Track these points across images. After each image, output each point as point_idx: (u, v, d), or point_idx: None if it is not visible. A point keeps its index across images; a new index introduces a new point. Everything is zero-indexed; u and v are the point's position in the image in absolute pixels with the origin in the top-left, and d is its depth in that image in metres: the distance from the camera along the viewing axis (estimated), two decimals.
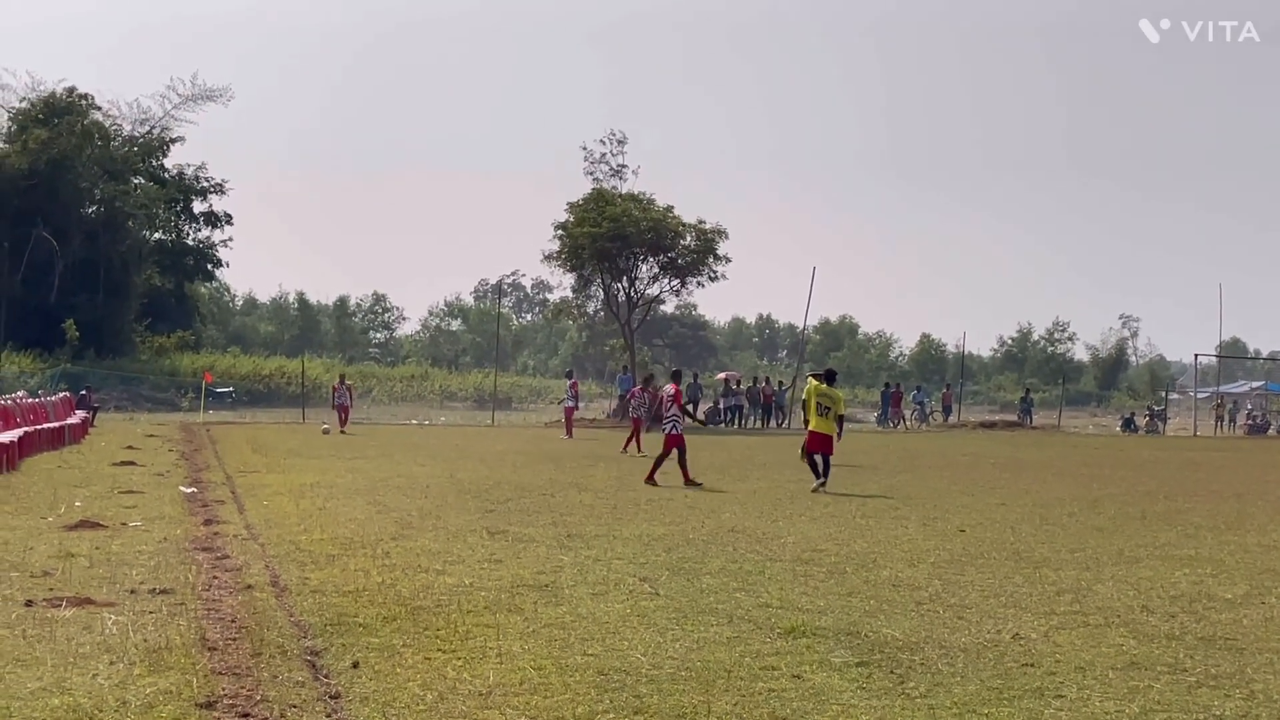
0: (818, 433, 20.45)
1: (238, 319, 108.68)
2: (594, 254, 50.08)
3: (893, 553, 12.97)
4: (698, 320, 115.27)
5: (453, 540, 13.02)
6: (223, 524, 14.09)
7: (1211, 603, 10.40)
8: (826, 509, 17.34)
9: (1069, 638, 8.76)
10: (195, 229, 75.63)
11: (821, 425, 20.47)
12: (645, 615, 9.14)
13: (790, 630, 8.69)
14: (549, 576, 10.82)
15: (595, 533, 13.95)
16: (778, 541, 13.60)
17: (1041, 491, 20.98)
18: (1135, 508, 18.66)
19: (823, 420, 20.49)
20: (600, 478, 21.93)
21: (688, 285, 53.18)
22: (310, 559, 11.54)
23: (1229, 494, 21.63)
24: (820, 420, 20.51)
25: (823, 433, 20.42)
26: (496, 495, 18.10)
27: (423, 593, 9.85)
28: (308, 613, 8.94)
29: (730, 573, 11.31)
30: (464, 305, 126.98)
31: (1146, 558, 13.07)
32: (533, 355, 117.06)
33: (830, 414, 20.50)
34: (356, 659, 7.59)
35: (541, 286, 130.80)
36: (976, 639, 8.64)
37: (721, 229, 51.14)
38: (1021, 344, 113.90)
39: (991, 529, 15.45)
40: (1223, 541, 14.70)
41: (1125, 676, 7.66)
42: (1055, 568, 12.18)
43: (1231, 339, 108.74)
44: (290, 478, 20.31)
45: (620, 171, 54.10)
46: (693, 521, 15.34)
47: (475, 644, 8.07)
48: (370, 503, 16.68)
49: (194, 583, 10.07)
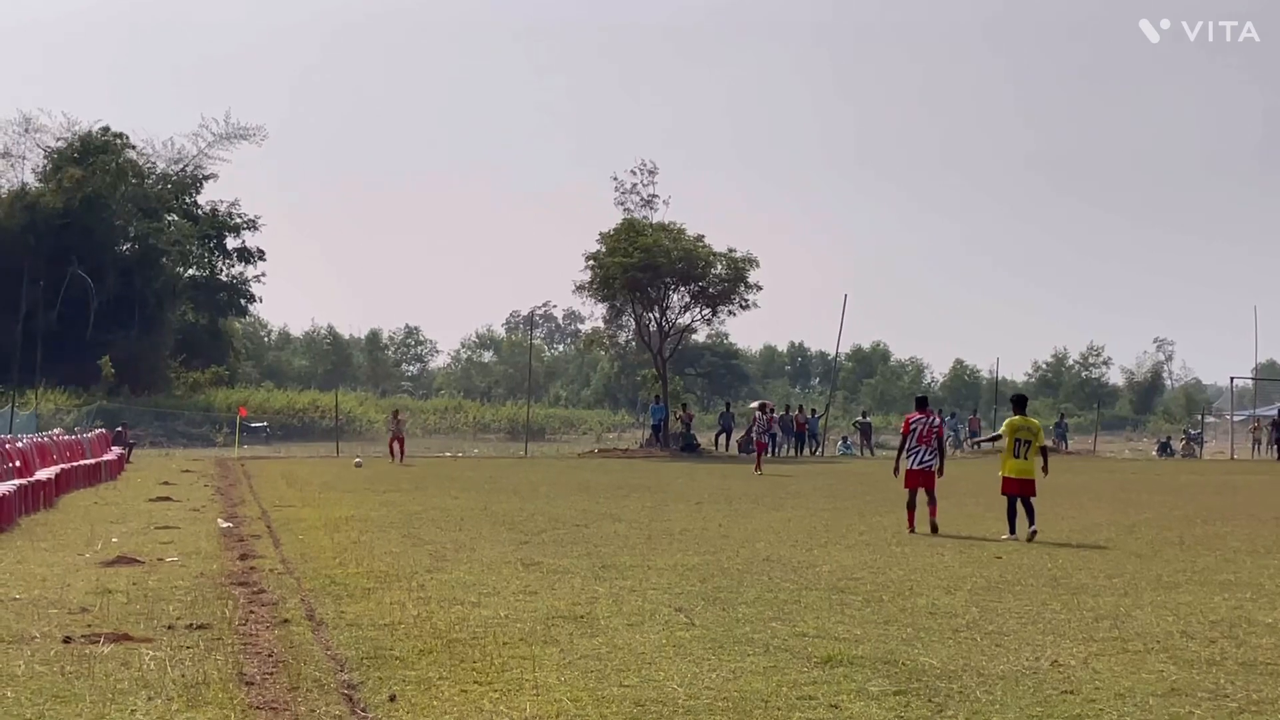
0: (1014, 478, 17.56)
1: (271, 354, 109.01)
2: (625, 284, 50.08)
3: (929, 580, 12.92)
4: (729, 349, 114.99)
5: (487, 572, 13.03)
6: (258, 558, 14.13)
7: (1252, 627, 10.32)
8: (862, 537, 17.29)
9: (1108, 664, 8.70)
10: (229, 265, 75.92)
11: (1019, 469, 17.59)
12: (681, 646, 9.12)
13: (827, 659, 8.65)
14: (584, 608, 10.81)
15: (630, 563, 13.94)
16: (813, 570, 13.56)
17: (1078, 517, 20.84)
18: (1173, 532, 18.53)
19: (1021, 462, 17.58)
20: (634, 508, 21.90)
21: (719, 314, 53.15)
22: (346, 592, 11.56)
23: (1268, 517, 21.46)
24: (1017, 463, 17.59)
25: (1022, 477, 17.54)
26: (531, 527, 18.10)
27: (458, 625, 9.85)
28: (344, 646, 8.96)
29: (766, 602, 11.28)
30: (496, 337, 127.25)
31: (1185, 583, 12.98)
32: (565, 386, 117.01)
33: (1031, 449, 17.61)
34: (393, 692, 7.59)
35: (573, 317, 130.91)
36: (1015, 666, 8.59)
37: (752, 257, 51.12)
38: (1056, 369, 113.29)
39: (1028, 555, 15.37)
40: (1262, 566, 14.59)
41: (1166, 703, 7.60)
42: (1093, 594, 12.10)
43: (1268, 361, 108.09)
44: (325, 511, 20.35)
45: (651, 201, 54.13)
46: (727, 551, 15.31)
47: (511, 676, 8.06)
48: (405, 536, 16.70)
49: (230, 618, 10.10)
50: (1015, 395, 19.26)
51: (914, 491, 18.25)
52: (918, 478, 18.25)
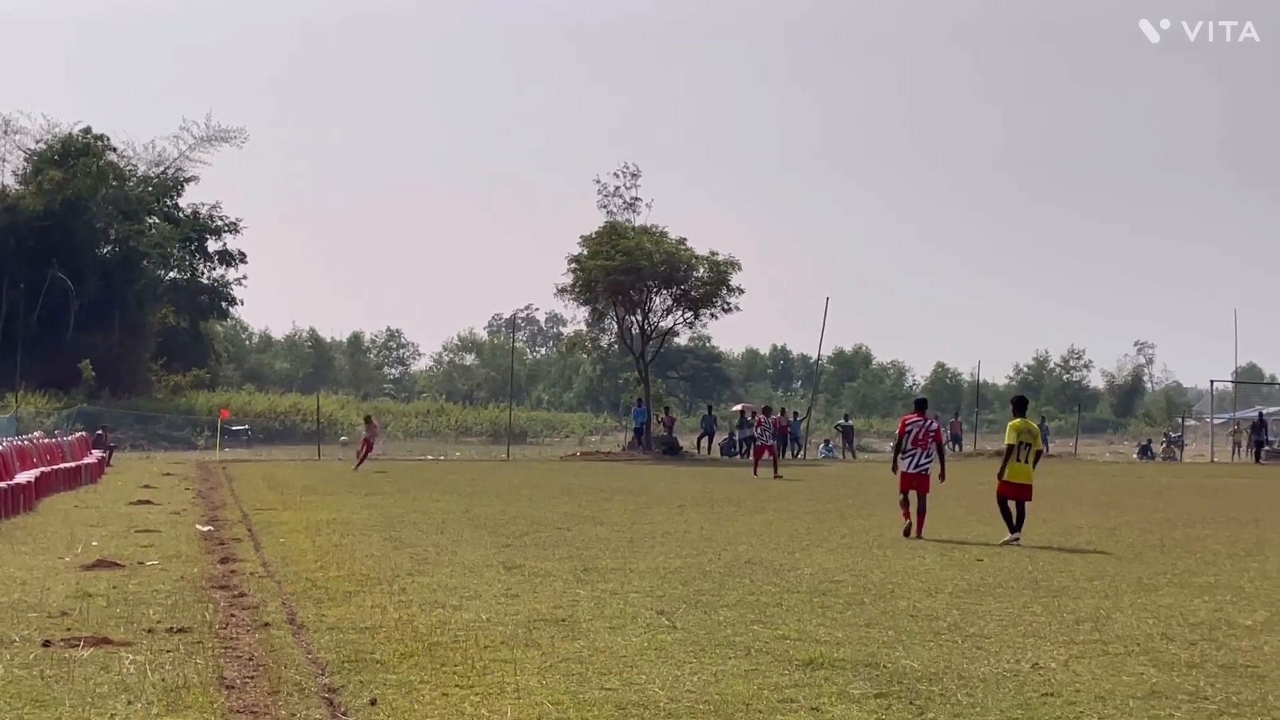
0: (1015, 482, 17.58)
1: (253, 356, 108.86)
2: (607, 287, 50.02)
3: (910, 583, 12.94)
4: (712, 352, 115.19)
5: (469, 575, 13.01)
6: (239, 562, 14.09)
7: (1232, 630, 10.36)
8: (843, 540, 17.32)
9: (1089, 667, 8.72)
10: (210, 267, 75.68)
11: (1021, 473, 17.63)
12: (663, 649, 9.12)
13: (808, 662, 8.66)
14: (566, 611, 10.80)
15: (612, 566, 13.93)
16: (795, 573, 13.57)
17: (1059, 519, 20.88)
18: (1154, 535, 18.60)
19: (1023, 466, 17.62)
20: (616, 511, 21.90)
21: (701, 317, 53.12)
22: (327, 596, 11.54)
23: (1248, 520, 21.55)
24: (1018, 467, 17.60)
25: (1022, 481, 17.61)
26: (512, 530, 18.09)
27: (439, 628, 9.84)
28: (325, 650, 8.93)
29: (747, 605, 11.29)
30: (478, 340, 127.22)
31: (1165, 585, 13.03)
32: (547, 389, 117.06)
33: (1030, 452, 17.63)
34: (374, 696, 7.58)
35: (555, 320, 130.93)
36: (996, 669, 8.61)
37: (734, 260, 51.05)
38: (1037, 372, 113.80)
39: (1009, 557, 15.40)
40: (1242, 568, 14.66)
41: (1146, 705, 7.63)
42: (1074, 596, 12.14)
43: (1248, 364, 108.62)
44: (306, 514, 20.30)
45: (634, 204, 54.11)
46: (709, 554, 15.32)
47: (493, 679, 8.06)
48: (386, 539, 16.67)
49: (211, 621, 10.07)
50: (1017, 397, 19.21)
51: (907, 493, 18.23)
52: (911, 480, 18.22)
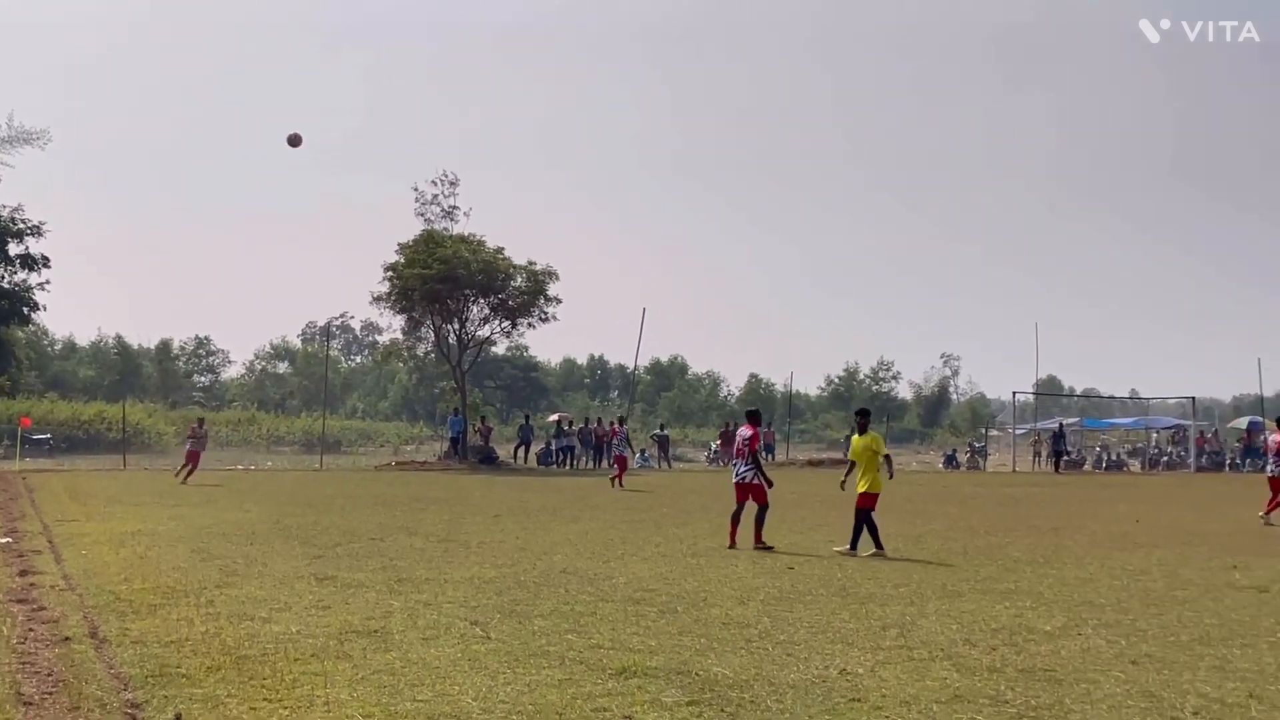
0: (873, 493, 17.60)
1: (56, 364, 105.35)
2: (424, 295, 49.68)
3: (723, 591, 13.09)
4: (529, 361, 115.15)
5: (279, 587, 12.80)
6: (39, 574, 13.64)
7: (1031, 635, 10.69)
8: (658, 549, 17.43)
9: (894, 672, 8.92)
10: (11, 272, 73.05)
11: (877, 483, 17.73)
12: (476, 659, 9.08)
13: (621, 670, 8.71)
14: (378, 622, 10.69)
15: (426, 576, 13.83)
16: (609, 582, 13.63)
17: None
18: (957, 542, 19.08)
19: (877, 476, 17.74)
20: (431, 521, 21.73)
21: (519, 327, 53.03)
22: (131, 609, 11.25)
23: (1046, 528, 22.21)
24: (874, 477, 17.69)
25: (877, 491, 17.69)
26: (325, 540, 17.83)
27: (248, 641, 9.66)
28: (128, 664, 8.71)
29: (562, 614, 11.31)
30: (291, 347, 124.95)
31: (969, 591, 13.38)
32: (362, 398, 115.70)
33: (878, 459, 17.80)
34: (179, 711, 7.41)
35: (371, 328, 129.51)
36: (805, 675, 8.76)
37: (552, 270, 51.16)
38: (848, 383, 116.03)
39: (819, 565, 15.68)
40: (1041, 575, 15.11)
41: (949, 710, 7.83)
42: (881, 603, 12.41)
43: (1048, 376, 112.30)
44: (111, 526, 19.75)
45: (452, 213, 53.78)
46: (524, 564, 15.30)
47: (302, 692, 7.94)
48: (194, 550, 16.30)
49: (9, 636, 9.74)
50: (861, 409, 18.98)
51: (741, 505, 18.33)
52: (737, 491, 18.40)
